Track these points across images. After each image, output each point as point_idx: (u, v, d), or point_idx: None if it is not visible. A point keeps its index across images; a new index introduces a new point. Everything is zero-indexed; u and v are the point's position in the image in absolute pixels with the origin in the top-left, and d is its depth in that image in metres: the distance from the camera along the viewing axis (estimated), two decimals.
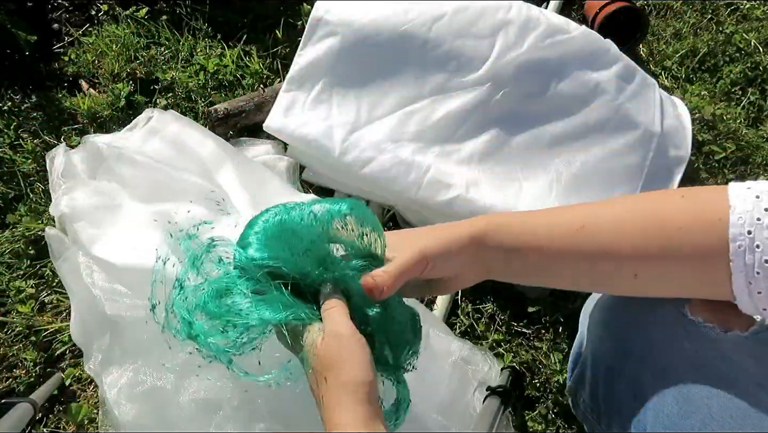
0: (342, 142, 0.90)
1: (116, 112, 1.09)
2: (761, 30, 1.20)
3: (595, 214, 0.48)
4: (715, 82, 1.16)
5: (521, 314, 0.96)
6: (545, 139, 0.93)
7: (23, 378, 0.92)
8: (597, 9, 1.14)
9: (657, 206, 0.47)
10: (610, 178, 0.93)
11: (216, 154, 0.90)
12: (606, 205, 0.50)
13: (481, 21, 0.93)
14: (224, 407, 0.71)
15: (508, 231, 0.50)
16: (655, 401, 0.48)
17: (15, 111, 1.10)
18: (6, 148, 1.07)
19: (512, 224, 0.50)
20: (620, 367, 0.52)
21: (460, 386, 0.84)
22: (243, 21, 1.18)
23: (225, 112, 1.01)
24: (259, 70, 1.12)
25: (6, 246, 0.99)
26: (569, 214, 0.49)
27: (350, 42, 0.93)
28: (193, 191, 0.86)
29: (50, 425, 0.90)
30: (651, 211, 0.47)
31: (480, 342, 0.93)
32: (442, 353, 0.85)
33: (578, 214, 0.49)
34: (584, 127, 0.93)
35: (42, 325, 0.94)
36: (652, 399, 0.48)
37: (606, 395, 0.54)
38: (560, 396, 0.91)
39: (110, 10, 1.20)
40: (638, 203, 0.49)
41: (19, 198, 1.04)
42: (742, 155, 1.09)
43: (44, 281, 0.98)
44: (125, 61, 1.14)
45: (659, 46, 1.20)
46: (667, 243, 0.45)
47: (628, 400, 0.50)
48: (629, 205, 0.49)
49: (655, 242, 0.45)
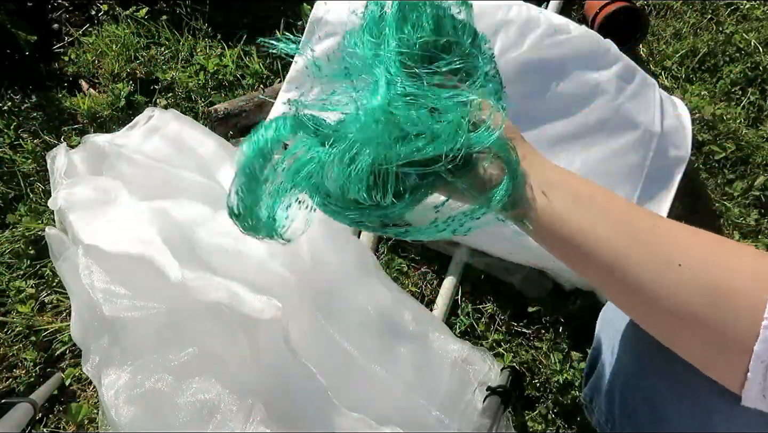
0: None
1: (116, 112, 1.09)
2: (761, 30, 1.20)
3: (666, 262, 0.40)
4: (715, 82, 1.16)
5: (521, 314, 0.96)
6: (545, 139, 0.93)
7: (23, 378, 0.92)
8: (597, 9, 1.14)
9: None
10: (610, 177, 0.93)
11: (216, 154, 0.90)
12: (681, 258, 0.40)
13: (480, 21, 0.92)
14: (222, 409, 0.71)
15: (571, 206, 0.44)
16: (672, 412, 0.47)
17: (15, 111, 1.10)
18: (6, 148, 1.07)
19: (581, 199, 0.44)
20: (638, 382, 0.51)
21: (461, 386, 0.84)
22: (243, 21, 1.18)
23: (225, 112, 1.01)
24: (259, 70, 1.12)
25: (6, 246, 0.99)
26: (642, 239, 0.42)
27: None
28: (193, 189, 0.86)
29: (50, 425, 0.90)
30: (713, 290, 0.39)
31: (480, 342, 0.93)
32: (442, 353, 0.85)
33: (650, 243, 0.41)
34: (584, 127, 0.93)
35: (42, 325, 0.94)
36: (670, 413, 0.47)
37: (622, 405, 0.54)
38: (560, 396, 0.91)
39: (110, 10, 1.20)
40: (708, 272, 0.40)
41: (19, 198, 1.04)
42: (742, 155, 1.09)
43: (44, 281, 0.98)
44: (125, 61, 1.14)
45: (659, 46, 1.20)
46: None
47: (645, 413, 0.50)
48: (697, 272, 0.40)
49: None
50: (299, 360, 0.71)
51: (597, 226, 0.42)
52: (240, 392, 0.72)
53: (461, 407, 0.83)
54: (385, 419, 0.73)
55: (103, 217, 0.80)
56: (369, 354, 0.79)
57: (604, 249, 0.42)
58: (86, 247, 0.77)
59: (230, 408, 0.71)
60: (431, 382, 0.83)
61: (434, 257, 0.98)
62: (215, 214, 0.84)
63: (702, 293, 0.39)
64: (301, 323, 0.75)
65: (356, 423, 0.72)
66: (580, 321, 0.95)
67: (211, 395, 0.71)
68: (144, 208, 0.80)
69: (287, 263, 0.79)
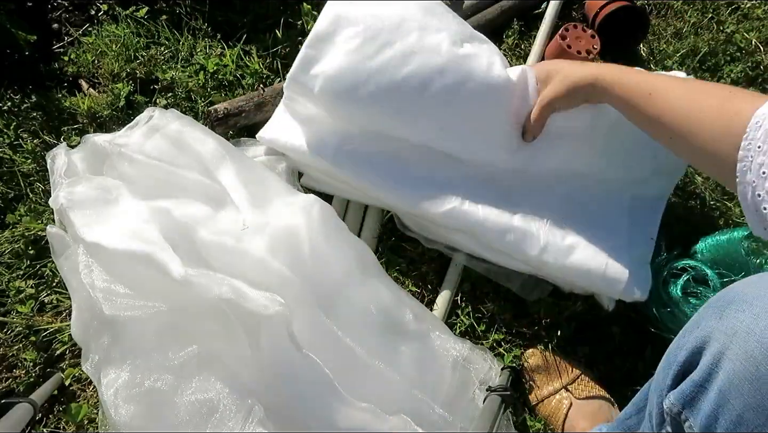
0: (335, 151, 0.89)
1: (116, 112, 1.09)
2: (762, 29, 1.19)
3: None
4: (716, 82, 1.16)
5: (521, 314, 0.96)
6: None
7: (23, 378, 0.92)
8: (597, 9, 1.14)
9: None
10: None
11: (216, 153, 0.90)
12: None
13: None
14: (221, 409, 0.71)
15: (612, 88, 0.74)
16: None
17: (15, 111, 1.10)
18: (6, 148, 1.07)
19: (616, 83, 0.74)
20: (753, 420, 0.45)
21: (462, 385, 0.84)
22: (243, 21, 1.18)
23: (225, 112, 1.01)
24: (259, 70, 1.12)
25: (6, 246, 0.99)
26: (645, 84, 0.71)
27: None
28: (194, 188, 0.87)
29: (50, 425, 0.90)
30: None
31: (480, 342, 0.93)
32: (443, 352, 0.85)
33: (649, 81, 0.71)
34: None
35: (42, 325, 0.94)
36: None
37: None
38: None
39: (110, 9, 1.20)
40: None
41: (19, 198, 1.04)
42: None
43: (44, 281, 0.97)
44: (125, 61, 1.14)
45: (660, 46, 1.20)
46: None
47: None
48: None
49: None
50: (304, 352, 0.71)
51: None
52: (240, 391, 0.72)
53: (463, 405, 0.83)
54: (389, 413, 0.73)
55: (105, 216, 0.80)
56: (371, 351, 0.79)
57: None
58: (87, 245, 0.77)
59: (230, 408, 0.71)
60: (433, 380, 0.83)
61: (434, 257, 0.98)
62: (216, 213, 0.84)
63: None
64: (303, 320, 0.75)
65: (363, 413, 0.72)
66: (580, 321, 0.94)
67: (211, 394, 0.71)
68: (145, 208, 0.81)
69: (288, 262, 0.79)
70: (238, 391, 0.72)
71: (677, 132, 0.65)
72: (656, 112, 0.68)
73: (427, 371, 0.83)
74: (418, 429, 0.73)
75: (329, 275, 0.83)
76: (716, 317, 0.49)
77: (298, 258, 0.80)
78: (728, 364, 0.46)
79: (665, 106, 0.67)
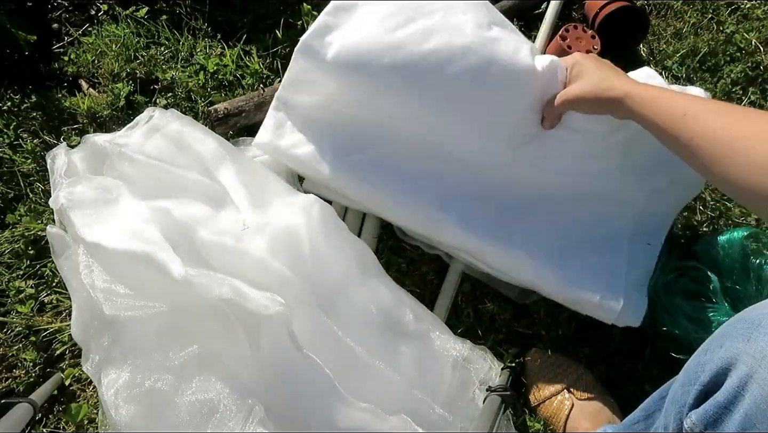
0: (333, 166, 0.88)
1: (116, 112, 1.09)
2: (762, 30, 1.19)
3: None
4: (716, 82, 1.16)
5: (521, 314, 0.96)
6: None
7: (23, 378, 0.92)
8: (597, 9, 1.14)
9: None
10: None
11: (217, 153, 0.90)
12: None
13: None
14: (221, 409, 0.71)
15: (642, 108, 0.72)
16: None
17: (15, 111, 1.10)
18: (6, 149, 1.07)
19: (647, 103, 0.71)
20: None
21: (462, 385, 0.84)
22: (243, 21, 1.18)
23: (225, 112, 1.01)
24: (259, 70, 1.12)
25: (6, 246, 0.99)
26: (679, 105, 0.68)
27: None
28: (194, 188, 0.86)
29: (50, 425, 0.90)
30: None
31: (480, 342, 0.93)
32: (443, 351, 0.85)
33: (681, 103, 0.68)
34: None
35: (42, 325, 0.94)
36: None
37: None
38: None
39: (110, 9, 1.20)
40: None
41: (18, 198, 1.04)
42: None
43: (44, 281, 0.97)
44: (125, 61, 1.14)
45: (660, 46, 1.20)
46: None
47: None
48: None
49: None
50: (304, 352, 0.71)
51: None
52: (240, 391, 0.72)
53: (463, 405, 0.83)
54: (389, 414, 0.73)
55: (105, 216, 0.80)
56: (371, 351, 0.79)
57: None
58: (87, 245, 0.77)
59: (230, 408, 0.71)
60: (433, 380, 0.83)
61: (434, 258, 0.98)
62: (216, 213, 0.84)
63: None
64: (303, 320, 0.75)
65: (364, 413, 0.72)
66: (580, 321, 0.94)
67: (211, 394, 0.71)
68: (145, 208, 0.81)
69: (288, 262, 0.79)
70: (238, 391, 0.72)
71: (712, 157, 0.62)
72: (690, 135, 0.65)
73: (427, 371, 0.83)
74: (418, 429, 0.73)
75: (329, 275, 0.83)
76: (743, 339, 0.47)
77: (298, 258, 0.80)
78: (756, 388, 0.45)
79: (700, 129, 0.64)
